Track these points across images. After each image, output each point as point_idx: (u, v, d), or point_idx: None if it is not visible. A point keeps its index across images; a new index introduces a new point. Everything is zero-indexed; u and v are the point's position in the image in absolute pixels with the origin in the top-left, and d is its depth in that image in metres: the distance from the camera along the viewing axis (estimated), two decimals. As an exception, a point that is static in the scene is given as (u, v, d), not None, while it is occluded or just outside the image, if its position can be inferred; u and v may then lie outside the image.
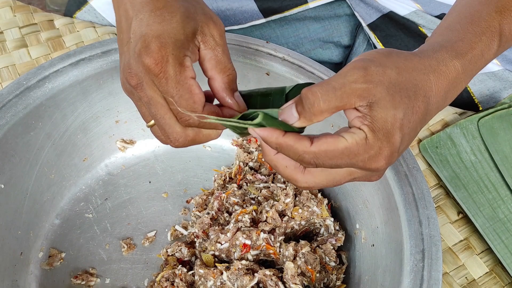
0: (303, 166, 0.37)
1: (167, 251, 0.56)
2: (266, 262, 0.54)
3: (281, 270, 0.52)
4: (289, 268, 0.50)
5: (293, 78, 0.58)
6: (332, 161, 0.35)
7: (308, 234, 0.57)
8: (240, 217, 0.54)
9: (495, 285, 0.58)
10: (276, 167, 0.38)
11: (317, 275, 0.52)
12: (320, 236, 0.56)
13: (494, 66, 0.70)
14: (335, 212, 0.59)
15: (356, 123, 0.35)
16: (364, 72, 0.34)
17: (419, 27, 0.72)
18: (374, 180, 0.39)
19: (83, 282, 0.54)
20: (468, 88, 0.71)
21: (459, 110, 0.71)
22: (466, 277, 0.58)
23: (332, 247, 0.54)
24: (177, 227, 0.59)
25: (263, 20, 0.74)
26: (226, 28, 0.73)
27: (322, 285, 0.53)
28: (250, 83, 0.61)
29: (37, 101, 0.51)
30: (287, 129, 0.36)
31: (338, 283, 0.54)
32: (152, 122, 0.40)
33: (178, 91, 0.36)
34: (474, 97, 0.71)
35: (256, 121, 0.35)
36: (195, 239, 0.57)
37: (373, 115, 0.34)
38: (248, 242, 0.52)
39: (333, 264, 0.54)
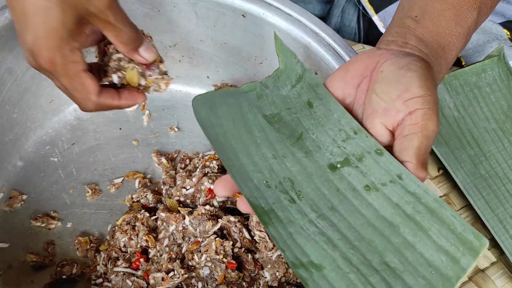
0: None
1: (132, 197, 0.54)
2: (234, 211, 0.52)
3: (247, 218, 0.50)
4: (255, 214, 0.48)
5: (270, 21, 0.55)
6: None
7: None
8: (208, 163, 0.52)
9: (472, 242, 0.56)
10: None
11: (285, 223, 0.50)
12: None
13: None
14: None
15: None
16: None
17: None
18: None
19: (43, 225, 0.52)
20: (454, 43, 0.68)
21: (446, 66, 0.68)
22: (442, 233, 0.56)
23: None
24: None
25: None
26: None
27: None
28: (226, 27, 0.58)
29: (-5, 31, 0.49)
30: None
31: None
32: None
33: (72, 85, 0.38)
34: (458, 52, 0.68)
35: None
36: (162, 186, 0.55)
37: None
38: (213, 187, 0.50)
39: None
